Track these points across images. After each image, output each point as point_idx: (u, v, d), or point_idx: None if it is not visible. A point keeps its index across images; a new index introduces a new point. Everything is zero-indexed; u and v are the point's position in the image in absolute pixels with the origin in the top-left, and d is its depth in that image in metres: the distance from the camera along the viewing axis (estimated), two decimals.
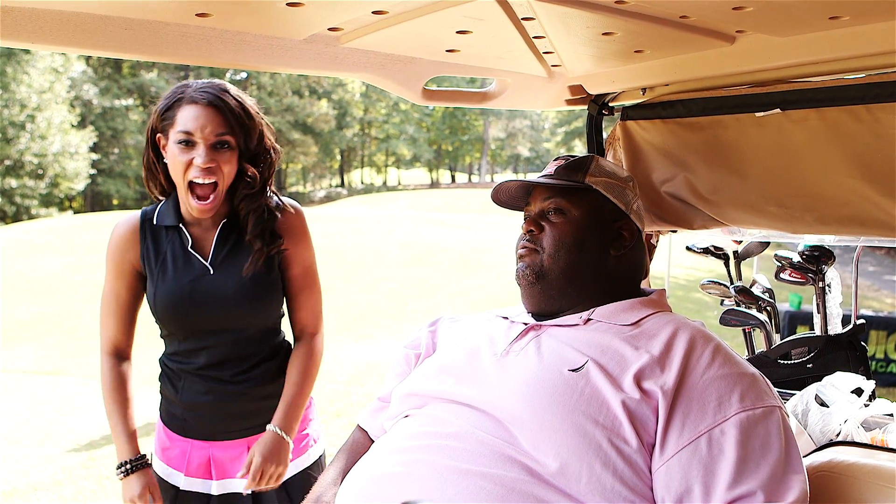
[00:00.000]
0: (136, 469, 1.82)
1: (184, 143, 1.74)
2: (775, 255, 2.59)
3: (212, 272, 1.83)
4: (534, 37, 1.42)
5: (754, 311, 2.50)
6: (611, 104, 1.94)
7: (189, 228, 1.86)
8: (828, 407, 1.71)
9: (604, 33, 1.38)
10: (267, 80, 36.05)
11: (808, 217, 1.59)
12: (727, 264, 2.84)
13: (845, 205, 1.51)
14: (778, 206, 1.62)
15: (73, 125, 28.29)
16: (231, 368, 1.86)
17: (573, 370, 1.18)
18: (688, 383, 1.13)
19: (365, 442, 1.48)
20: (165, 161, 1.81)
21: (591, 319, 1.30)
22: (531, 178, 1.41)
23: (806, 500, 1.05)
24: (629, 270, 1.41)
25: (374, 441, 1.45)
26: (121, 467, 1.82)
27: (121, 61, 30.75)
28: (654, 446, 1.11)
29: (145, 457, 1.85)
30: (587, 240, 1.35)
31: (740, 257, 2.82)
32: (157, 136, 1.81)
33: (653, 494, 1.09)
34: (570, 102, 1.94)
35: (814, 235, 1.92)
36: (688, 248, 2.83)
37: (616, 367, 1.17)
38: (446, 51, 1.54)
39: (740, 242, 2.75)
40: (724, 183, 1.70)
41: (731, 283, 2.76)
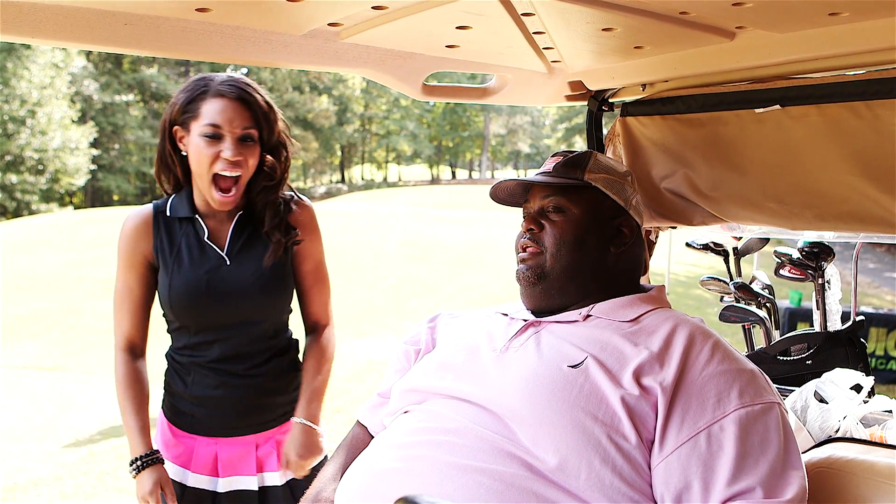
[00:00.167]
0: (148, 465, 1.79)
1: (211, 136, 1.74)
2: (775, 251, 2.59)
3: (228, 263, 1.83)
4: (534, 32, 1.42)
5: (754, 308, 2.50)
6: (611, 100, 1.94)
7: (204, 220, 1.86)
8: (827, 403, 1.71)
9: (604, 29, 1.38)
10: (267, 75, 36.00)
11: (807, 213, 1.59)
12: (727, 261, 2.84)
13: (845, 201, 1.51)
14: (777, 203, 1.62)
15: (73, 121, 28.28)
16: (243, 362, 1.86)
17: (572, 366, 1.18)
18: (687, 380, 1.13)
19: (364, 438, 1.49)
20: (183, 153, 1.81)
21: (591, 316, 1.30)
22: (530, 177, 1.40)
23: (805, 497, 1.06)
24: (629, 267, 1.41)
25: (373, 437, 1.46)
26: (133, 463, 1.80)
27: (121, 57, 30.75)
28: (653, 442, 1.11)
29: (157, 452, 1.83)
30: (587, 238, 1.35)
31: (740, 254, 2.82)
32: (175, 128, 1.80)
33: (652, 491, 1.09)
34: (570, 98, 1.94)
35: (813, 232, 1.92)
36: (687, 244, 2.83)
37: (615, 364, 1.17)
38: (446, 46, 1.54)
39: (740, 239, 2.75)
40: (723, 179, 1.70)
41: (731, 279, 2.76)
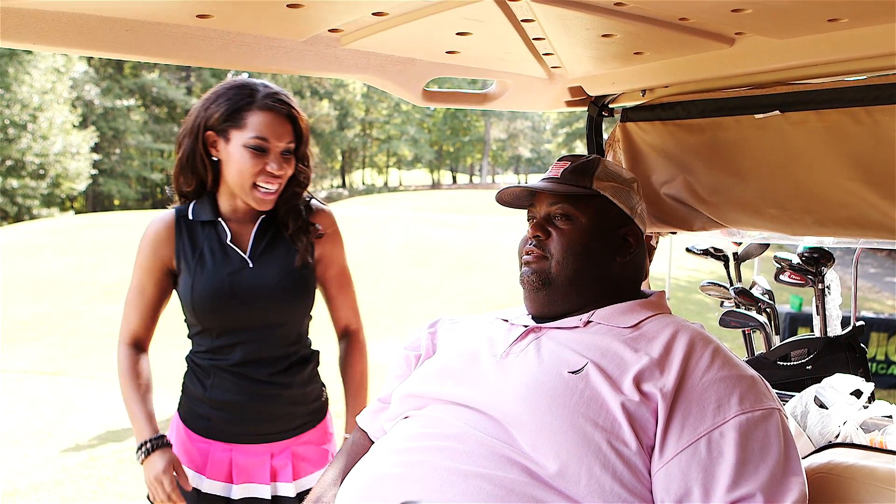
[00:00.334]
0: (156, 448, 1.79)
1: (257, 149, 1.76)
2: (775, 256, 2.59)
3: (251, 266, 1.84)
4: (534, 38, 1.42)
5: (754, 313, 2.50)
6: (611, 105, 1.94)
7: (227, 223, 1.87)
8: (827, 409, 1.71)
9: (603, 35, 1.38)
10: (268, 80, 36.02)
11: (807, 219, 1.59)
12: (727, 266, 2.84)
13: (844, 207, 1.51)
14: (777, 208, 1.62)
15: (74, 125, 28.31)
16: (264, 367, 1.86)
17: (573, 372, 1.18)
18: (687, 386, 1.13)
19: (365, 443, 1.48)
20: (214, 158, 1.82)
21: (591, 321, 1.30)
22: (539, 184, 1.39)
23: (805, 502, 1.06)
24: (632, 274, 1.41)
25: (373, 442, 1.45)
26: (141, 448, 1.80)
27: (122, 62, 30.78)
28: (653, 448, 1.11)
29: (165, 436, 1.83)
30: (594, 246, 1.35)
31: (740, 259, 2.82)
32: (209, 132, 1.80)
33: (652, 497, 1.09)
34: (570, 104, 1.94)
35: (813, 237, 1.92)
36: (688, 249, 2.83)
37: (616, 370, 1.17)
38: (446, 52, 1.55)
39: (740, 244, 2.75)
40: (723, 184, 1.70)
41: (731, 284, 2.76)
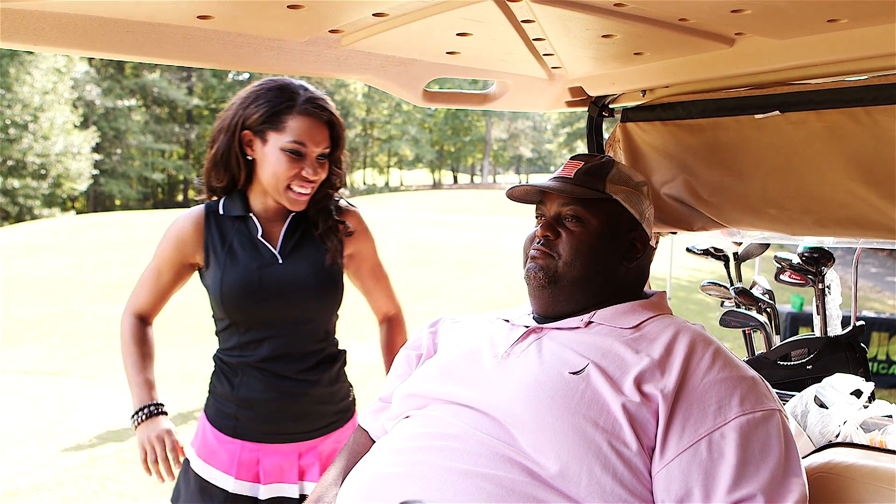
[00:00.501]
0: (153, 415, 1.81)
1: (295, 153, 1.77)
2: (775, 256, 2.59)
3: (280, 261, 1.85)
4: (534, 39, 1.43)
5: (754, 313, 2.50)
6: (611, 106, 1.94)
7: (258, 219, 1.88)
8: (827, 408, 1.72)
9: (603, 36, 1.39)
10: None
11: (806, 219, 1.59)
12: (727, 266, 2.84)
13: (844, 207, 1.51)
14: (777, 208, 1.62)
15: (75, 125, 28.34)
16: (291, 364, 1.86)
17: (574, 373, 1.18)
18: (688, 387, 1.14)
19: (366, 442, 1.49)
20: (249, 157, 1.83)
21: (593, 322, 1.30)
22: (551, 184, 1.38)
23: (805, 503, 1.06)
24: (636, 277, 1.41)
25: (374, 441, 1.46)
26: (138, 413, 1.81)
27: (123, 62, 30.80)
28: (654, 449, 1.11)
29: (163, 405, 1.84)
30: (602, 250, 1.35)
31: (740, 259, 2.82)
32: (245, 132, 1.81)
33: (653, 497, 1.09)
34: (570, 104, 1.94)
35: (813, 237, 1.92)
36: (688, 249, 2.83)
37: (617, 371, 1.17)
38: (447, 53, 1.55)
39: (740, 244, 2.75)
40: (723, 184, 1.70)
41: (731, 284, 2.76)
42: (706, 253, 2.78)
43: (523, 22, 1.30)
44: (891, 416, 1.74)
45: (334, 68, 1.55)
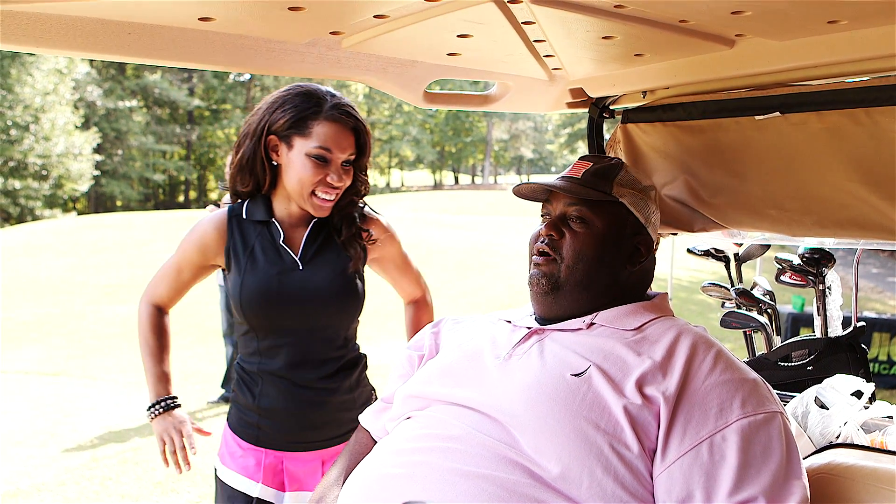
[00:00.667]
0: (170, 408, 1.88)
1: (320, 159, 1.77)
2: (776, 257, 2.58)
3: (301, 267, 1.85)
4: (534, 40, 1.43)
5: (755, 314, 2.50)
6: (612, 107, 1.94)
7: (280, 225, 1.88)
8: (827, 409, 1.71)
9: (604, 37, 1.39)
10: (271, 81, 36.00)
11: (807, 220, 1.59)
12: (728, 267, 2.84)
13: (844, 208, 1.51)
14: (777, 209, 1.62)
15: (76, 126, 28.38)
16: (311, 372, 1.86)
17: (576, 375, 1.18)
18: (689, 389, 1.14)
19: (367, 442, 1.49)
20: (275, 163, 1.83)
21: (594, 324, 1.30)
22: (558, 183, 1.38)
23: None
24: (639, 280, 1.41)
25: (376, 441, 1.46)
26: (154, 406, 1.87)
27: (124, 63, 30.87)
28: (655, 452, 1.11)
29: (177, 398, 1.91)
30: (606, 254, 1.34)
31: (741, 260, 2.82)
32: (271, 137, 1.81)
33: (654, 500, 1.09)
34: (571, 105, 1.95)
35: (813, 238, 1.92)
36: (689, 250, 2.83)
37: (618, 373, 1.17)
38: (447, 54, 1.55)
39: (741, 245, 2.75)
40: (723, 186, 1.70)
41: (732, 285, 2.76)
42: (707, 254, 2.78)
43: (524, 23, 1.30)
44: (891, 417, 1.73)
45: (335, 70, 1.56)
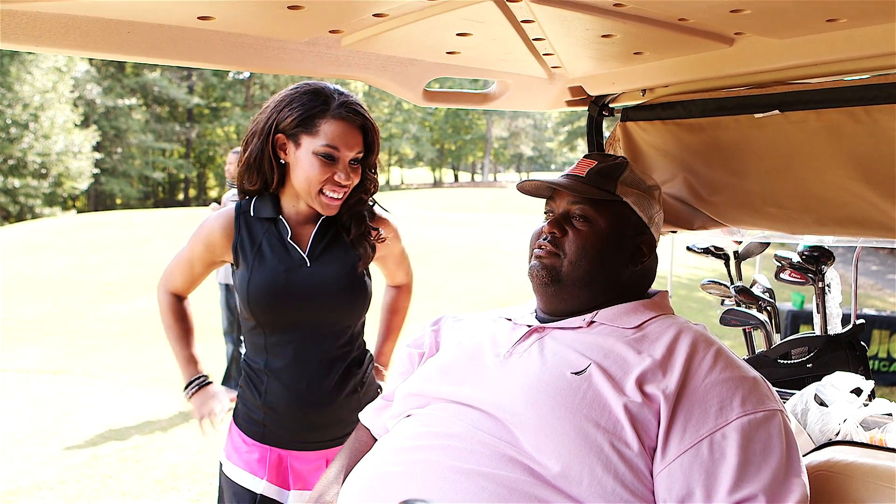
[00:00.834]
0: (203, 385, 1.99)
1: (327, 157, 1.77)
2: (775, 255, 2.59)
3: (308, 265, 1.85)
4: (534, 39, 1.43)
5: (754, 311, 2.50)
6: (611, 105, 1.94)
7: (287, 222, 1.89)
8: (827, 406, 1.72)
9: (603, 35, 1.39)
10: (270, 79, 36.04)
11: (806, 218, 1.59)
12: (727, 264, 2.85)
13: (843, 206, 1.51)
14: (776, 207, 1.62)
15: (76, 124, 28.36)
16: (316, 370, 1.86)
17: (576, 373, 1.18)
18: (689, 387, 1.14)
19: (367, 440, 1.49)
20: (282, 161, 1.83)
21: (595, 322, 1.31)
22: (562, 182, 1.38)
23: (806, 503, 1.06)
24: (641, 280, 1.41)
25: (376, 439, 1.46)
26: (188, 386, 1.98)
27: (124, 61, 30.81)
28: (655, 450, 1.11)
29: (209, 376, 2.01)
30: (608, 253, 1.35)
31: (740, 257, 2.82)
32: (279, 135, 1.80)
33: (654, 498, 1.09)
34: (570, 104, 1.95)
35: (813, 236, 1.92)
36: (688, 248, 2.83)
37: (618, 371, 1.18)
38: (447, 53, 1.55)
39: (740, 243, 2.76)
40: (723, 184, 1.70)
41: (732, 283, 2.76)
42: (707, 252, 2.79)
43: (523, 22, 1.30)
44: (891, 415, 1.74)
45: (335, 68, 1.56)
